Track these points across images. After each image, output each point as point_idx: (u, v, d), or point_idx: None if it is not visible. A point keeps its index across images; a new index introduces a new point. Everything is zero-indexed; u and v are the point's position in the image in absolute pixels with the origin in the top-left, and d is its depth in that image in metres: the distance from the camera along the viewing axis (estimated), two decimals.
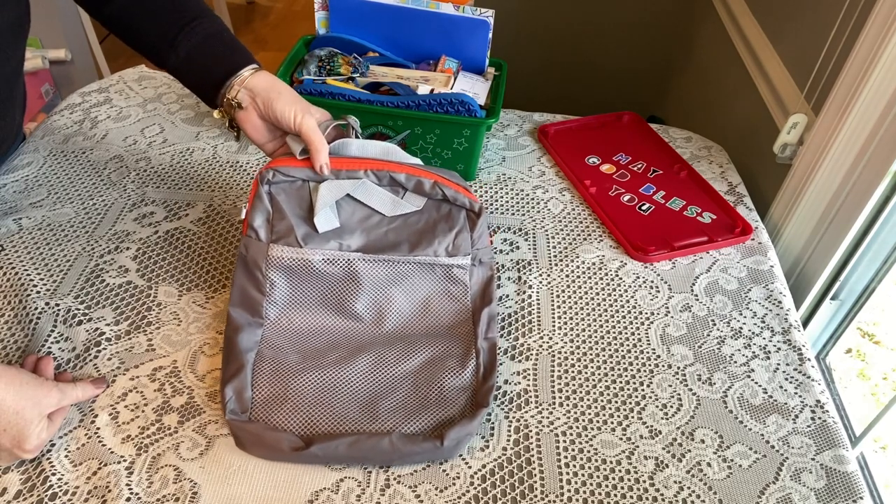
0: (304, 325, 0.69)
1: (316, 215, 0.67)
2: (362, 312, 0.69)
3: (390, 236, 0.70)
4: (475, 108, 0.89)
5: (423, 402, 0.64)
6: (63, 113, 1.01)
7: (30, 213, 0.83)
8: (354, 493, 0.59)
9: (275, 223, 0.67)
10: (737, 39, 1.28)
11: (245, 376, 0.64)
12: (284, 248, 0.67)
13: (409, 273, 0.70)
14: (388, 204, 0.70)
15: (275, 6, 3.06)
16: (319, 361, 0.66)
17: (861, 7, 0.83)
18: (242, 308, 0.68)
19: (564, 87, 2.01)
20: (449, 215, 0.72)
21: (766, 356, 0.72)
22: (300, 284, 0.68)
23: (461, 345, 0.69)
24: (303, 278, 0.68)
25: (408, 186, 0.71)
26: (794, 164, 0.90)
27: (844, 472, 0.62)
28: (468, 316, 0.71)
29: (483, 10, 0.94)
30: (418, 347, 0.68)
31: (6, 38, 0.71)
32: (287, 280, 0.68)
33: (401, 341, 0.69)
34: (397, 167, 0.70)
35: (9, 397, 0.54)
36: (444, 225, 0.71)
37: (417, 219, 0.71)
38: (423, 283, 0.71)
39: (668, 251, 0.83)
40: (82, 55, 1.91)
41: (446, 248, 0.70)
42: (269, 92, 0.67)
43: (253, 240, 0.67)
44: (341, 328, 0.69)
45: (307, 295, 0.69)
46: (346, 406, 0.63)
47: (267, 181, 0.67)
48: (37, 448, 0.56)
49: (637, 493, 0.60)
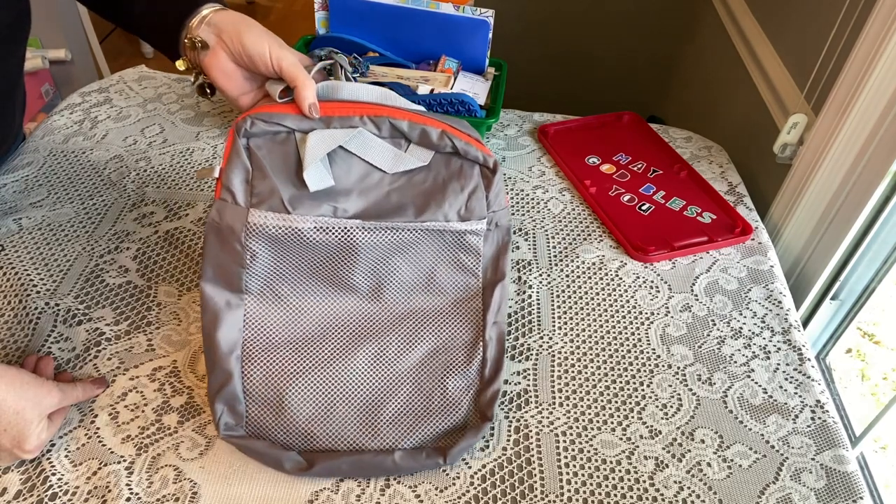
0: (293, 301, 0.60)
1: (305, 170, 0.56)
2: (359, 285, 0.61)
3: (393, 198, 0.60)
4: (475, 108, 0.89)
5: (426, 410, 0.61)
6: (63, 113, 1.01)
7: (30, 213, 0.83)
8: (354, 493, 0.59)
9: (255, 183, 0.57)
10: (737, 39, 1.28)
11: (234, 387, 0.58)
12: (268, 213, 0.56)
13: (414, 241, 0.61)
14: (390, 158, 0.60)
15: (275, 6, 3.06)
16: (314, 359, 0.60)
17: (861, 7, 0.83)
18: (218, 283, 0.58)
19: (564, 87, 2.01)
20: (461, 172, 0.61)
21: (766, 356, 0.72)
22: (287, 255, 0.59)
23: (468, 328, 0.63)
24: (290, 249, 0.58)
25: (411, 137, 0.60)
26: (794, 164, 0.90)
27: (844, 472, 0.62)
28: (478, 291, 0.63)
29: (483, 10, 0.94)
30: (421, 333, 0.62)
31: (6, 37, 0.71)
32: (271, 251, 0.58)
33: (402, 323, 0.62)
34: (398, 113, 0.60)
35: (9, 398, 0.54)
36: (455, 184, 0.61)
37: (424, 176, 0.61)
38: (429, 252, 0.62)
39: (668, 251, 0.83)
40: (82, 55, 1.91)
41: (458, 211, 0.61)
42: (236, 25, 0.59)
43: (228, 203, 0.57)
44: (336, 304, 0.61)
45: (295, 266, 0.59)
46: (345, 418, 0.59)
47: (244, 132, 0.57)
48: (37, 448, 0.56)
49: (637, 493, 0.60)
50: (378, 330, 0.62)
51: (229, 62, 0.60)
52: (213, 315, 0.58)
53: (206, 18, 0.60)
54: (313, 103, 0.57)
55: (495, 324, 0.64)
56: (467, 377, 0.62)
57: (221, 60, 0.60)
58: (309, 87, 0.57)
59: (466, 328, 0.63)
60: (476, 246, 0.63)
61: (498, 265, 0.65)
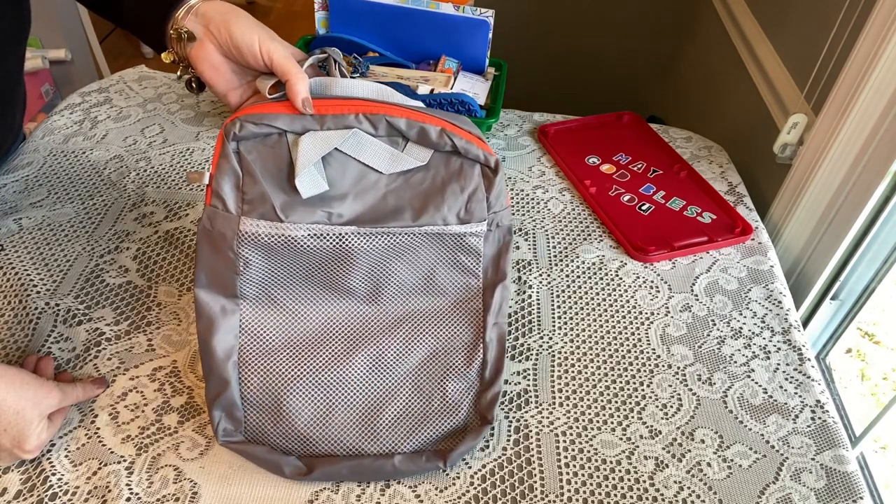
0: (289, 305, 0.59)
1: (298, 176, 0.54)
2: (356, 288, 0.60)
3: (390, 201, 0.58)
4: (475, 108, 0.89)
5: (425, 413, 0.60)
6: (63, 113, 1.01)
7: (30, 213, 0.83)
8: (354, 493, 0.59)
9: (246, 189, 0.55)
10: (737, 39, 1.28)
11: (231, 394, 0.57)
12: (259, 221, 0.55)
13: (412, 245, 0.59)
14: (386, 158, 0.57)
15: (275, 6, 3.06)
16: (312, 363, 0.59)
17: (861, 7, 0.83)
18: (212, 289, 0.57)
19: (564, 87, 2.01)
20: (460, 172, 0.59)
21: (766, 356, 0.72)
22: (281, 261, 0.57)
23: (468, 330, 0.62)
24: (284, 255, 0.57)
25: (409, 135, 0.58)
26: (794, 164, 0.90)
27: (844, 472, 0.62)
28: (478, 291, 0.62)
29: (483, 10, 0.94)
30: (420, 336, 0.61)
31: (7, 37, 0.71)
32: (264, 258, 0.57)
33: (401, 325, 0.61)
34: (395, 110, 0.57)
35: (9, 397, 0.54)
36: (454, 184, 0.58)
37: (422, 177, 0.58)
38: (428, 254, 0.60)
39: (668, 251, 0.83)
40: (82, 55, 1.91)
41: (458, 213, 0.59)
42: (224, 15, 0.56)
43: (219, 211, 0.55)
44: (333, 308, 0.60)
45: (290, 272, 0.58)
46: (344, 423, 0.59)
47: (233, 136, 0.55)
48: (37, 448, 0.56)
49: (637, 493, 0.60)
50: (376, 333, 0.61)
51: (217, 54, 0.58)
52: (208, 321, 0.57)
53: (193, 8, 0.57)
54: (306, 98, 0.54)
55: (496, 325, 0.63)
56: (467, 379, 0.62)
57: (209, 53, 0.57)
58: (301, 80, 0.54)
59: (466, 329, 0.62)
60: (476, 247, 0.61)
61: (499, 265, 0.63)
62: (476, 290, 0.62)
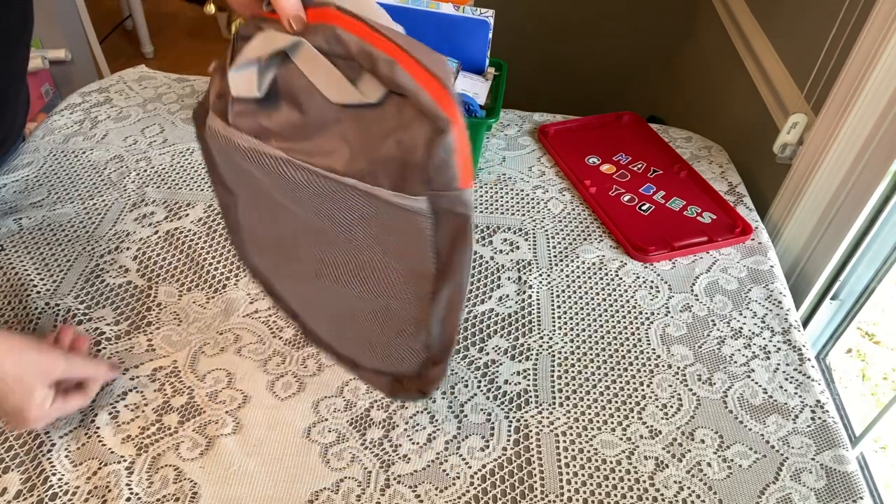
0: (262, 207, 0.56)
1: (231, 67, 0.47)
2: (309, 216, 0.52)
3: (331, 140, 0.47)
4: (475, 108, 0.89)
5: (377, 348, 0.61)
6: (63, 113, 1.01)
7: (30, 213, 0.83)
8: (354, 493, 0.59)
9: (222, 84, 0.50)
10: (737, 39, 1.28)
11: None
12: (217, 119, 0.50)
13: (347, 199, 0.48)
14: (334, 85, 0.46)
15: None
16: (290, 269, 0.61)
17: (861, 7, 0.83)
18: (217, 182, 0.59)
19: (564, 87, 2.01)
20: (408, 125, 0.44)
21: (766, 356, 0.72)
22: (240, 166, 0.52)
23: (412, 306, 0.53)
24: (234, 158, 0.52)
25: (362, 61, 0.45)
26: (794, 164, 0.90)
27: (844, 472, 0.62)
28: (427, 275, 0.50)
29: (483, 10, 0.94)
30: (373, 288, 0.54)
31: (10, 39, 0.71)
32: (224, 157, 0.54)
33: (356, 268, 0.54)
34: (354, 26, 0.46)
35: (7, 363, 0.53)
36: (390, 140, 0.45)
37: (371, 120, 0.46)
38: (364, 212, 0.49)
39: (668, 251, 0.83)
40: (82, 55, 1.91)
41: (390, 175, 0.46)
42: None
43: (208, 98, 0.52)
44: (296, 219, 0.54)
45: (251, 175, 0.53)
46: (319, 324, 0.66)
47: (238, 36, 0.49)
48: (40, 419, 0.55)
49: (637, 493, 0.60)
50: (338, 257, 0.55)
51: None
52: (224, 208, 0.61)
53: None
54: (294, 16, 0.45)
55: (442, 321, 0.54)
56: (416, 342, 0.56)
57: None
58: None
59: (411, 305, 0.54)
60: (421, 226, 0.47)
61: (450, 260, 0.49)
62: (425, 273, 0.51)
